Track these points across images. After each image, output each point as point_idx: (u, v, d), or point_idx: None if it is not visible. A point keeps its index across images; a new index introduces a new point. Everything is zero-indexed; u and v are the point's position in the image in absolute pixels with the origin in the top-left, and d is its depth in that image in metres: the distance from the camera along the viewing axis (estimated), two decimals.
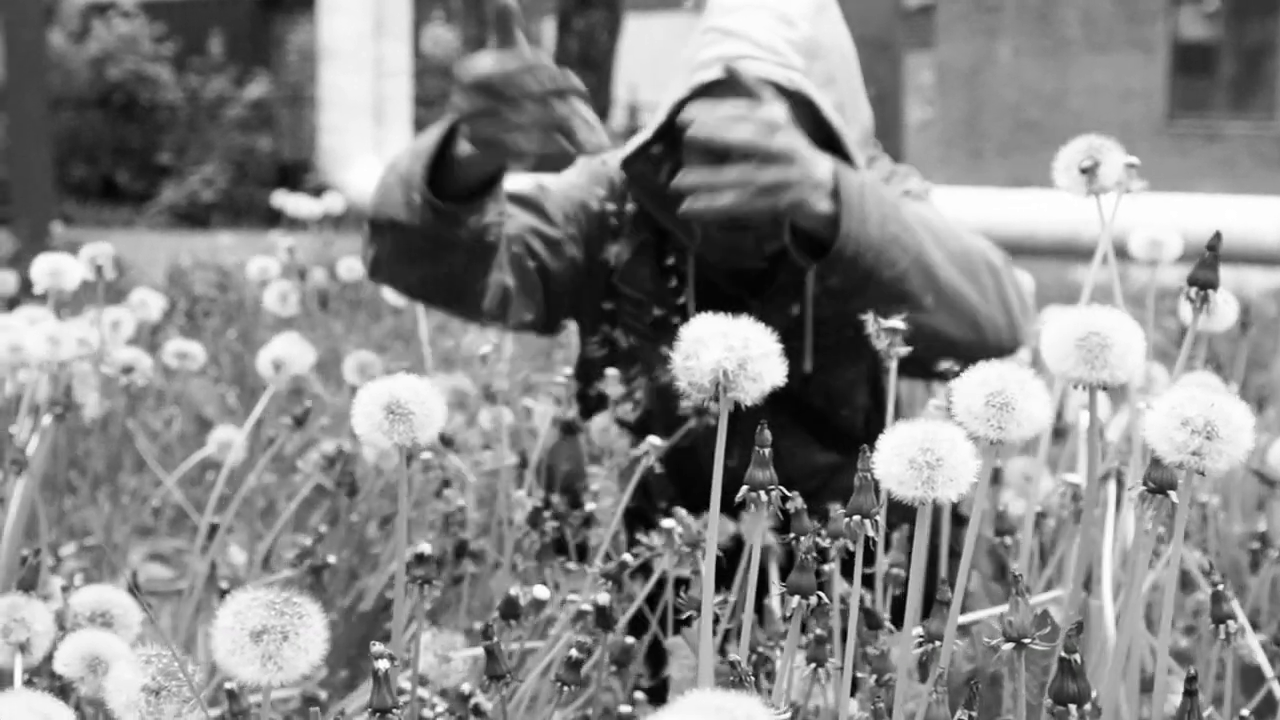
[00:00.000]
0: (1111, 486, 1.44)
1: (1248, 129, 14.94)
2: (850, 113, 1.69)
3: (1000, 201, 6.77)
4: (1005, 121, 15.35)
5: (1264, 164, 14.50)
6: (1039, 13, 15.16)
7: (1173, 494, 0.95)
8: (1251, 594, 1.52)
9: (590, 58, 8.12)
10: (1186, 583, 1.62)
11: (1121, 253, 1.38)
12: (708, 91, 1.63)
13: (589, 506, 1.50)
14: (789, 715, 0.92)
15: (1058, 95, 15.02)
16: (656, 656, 1.47)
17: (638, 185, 1.76)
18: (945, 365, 1.58)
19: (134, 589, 1.41)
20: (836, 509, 1.12)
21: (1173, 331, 3.54)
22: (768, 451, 0.92)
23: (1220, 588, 1.09)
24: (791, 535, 0.98)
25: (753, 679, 0.92)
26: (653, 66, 14.41)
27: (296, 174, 12.10)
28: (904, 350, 1.24)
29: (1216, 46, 15.17)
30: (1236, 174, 14.08)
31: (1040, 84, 15.17)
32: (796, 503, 0.98)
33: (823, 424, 1.81)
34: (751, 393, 0.88)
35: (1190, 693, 0.98)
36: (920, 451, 0.90)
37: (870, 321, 1.26)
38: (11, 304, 2.08)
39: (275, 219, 4.83)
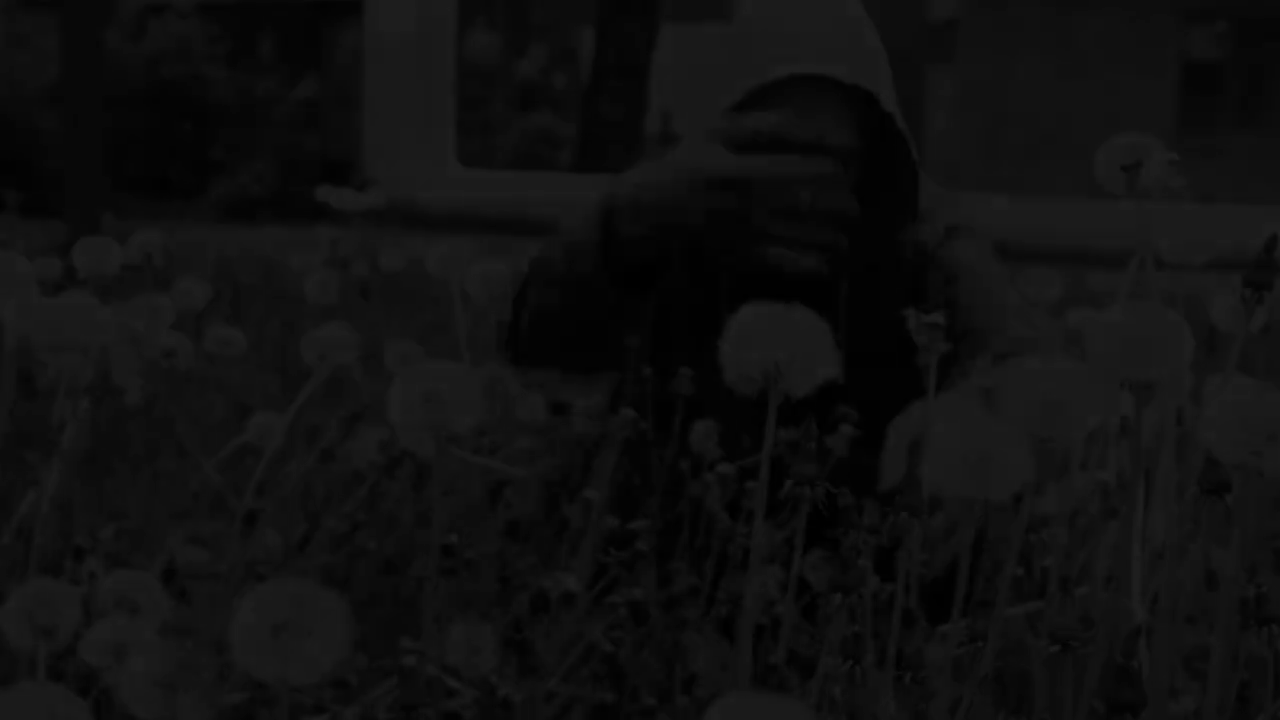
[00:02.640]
0: (1140, 485, 1.42)
1: (1252, 144, 15.36)
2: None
3: (1017, 209, 6.80)
4: (1022, 133, 15.68)
5: (1266, 177, 14.80)
6: (1057, 31, 15.55)
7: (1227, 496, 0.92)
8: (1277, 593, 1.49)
9: (627, 65, 8.19)
10: (1211, 582, 1.60)
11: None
12: (762, 95, 1.63)
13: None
14: None
15: (1072, 109, 15.30)
16: None
17: None
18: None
19: (170, 572, 1.40)
20: (872, 505, 1.10)
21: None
22: (815, 445, 0.89)
23: (1264, 589, 1.06)
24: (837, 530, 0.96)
25: (794, 679, 0.89)
26: (687, 73, 14.56)
27: (342, 171, 12.22)
28: (945, 347, 1.21)
29: (1223, 66, 15.69)
30: (1241, 186, 14.44)
31: (1056, 98, 15.49)
32: (843, 499, 0.96)
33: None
34: (803, 385, 0.83)
35: (1243, 698, 0.96)
36: (974, 449, 0.86)
37: (911, 317, 1.23)
38: (58, 290, 2.09)
39: (321, 213, 4.84)
